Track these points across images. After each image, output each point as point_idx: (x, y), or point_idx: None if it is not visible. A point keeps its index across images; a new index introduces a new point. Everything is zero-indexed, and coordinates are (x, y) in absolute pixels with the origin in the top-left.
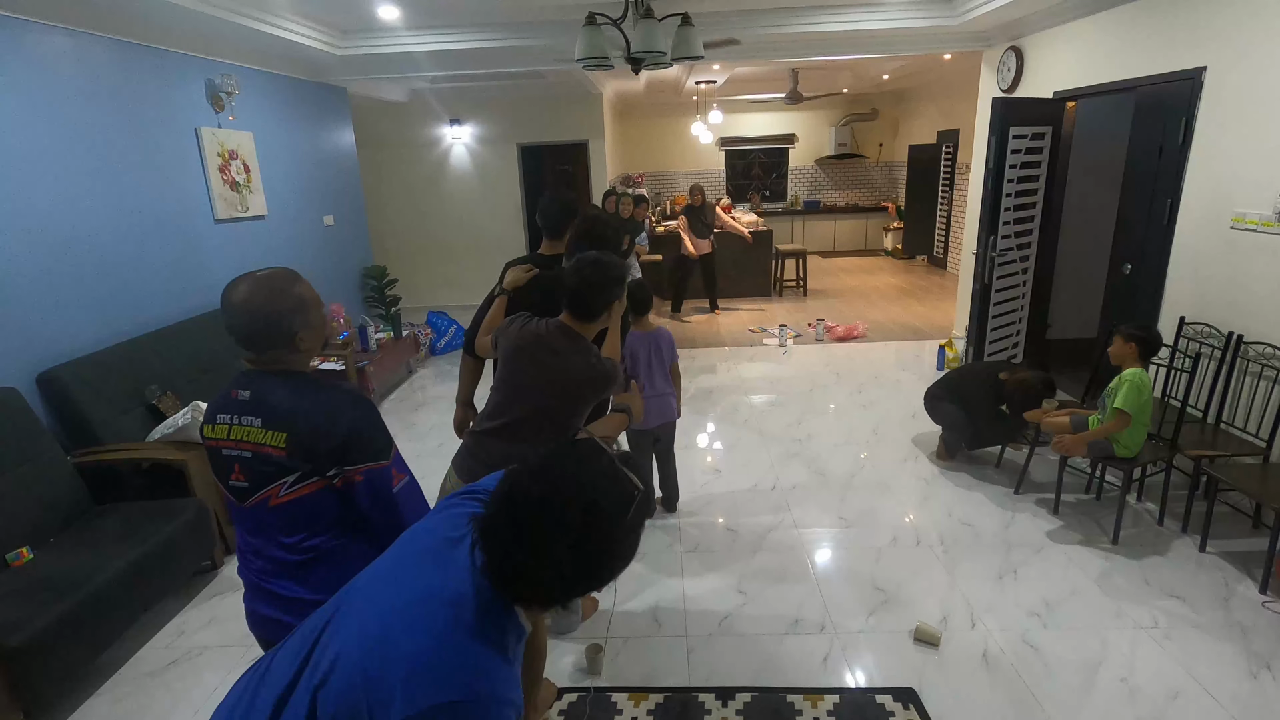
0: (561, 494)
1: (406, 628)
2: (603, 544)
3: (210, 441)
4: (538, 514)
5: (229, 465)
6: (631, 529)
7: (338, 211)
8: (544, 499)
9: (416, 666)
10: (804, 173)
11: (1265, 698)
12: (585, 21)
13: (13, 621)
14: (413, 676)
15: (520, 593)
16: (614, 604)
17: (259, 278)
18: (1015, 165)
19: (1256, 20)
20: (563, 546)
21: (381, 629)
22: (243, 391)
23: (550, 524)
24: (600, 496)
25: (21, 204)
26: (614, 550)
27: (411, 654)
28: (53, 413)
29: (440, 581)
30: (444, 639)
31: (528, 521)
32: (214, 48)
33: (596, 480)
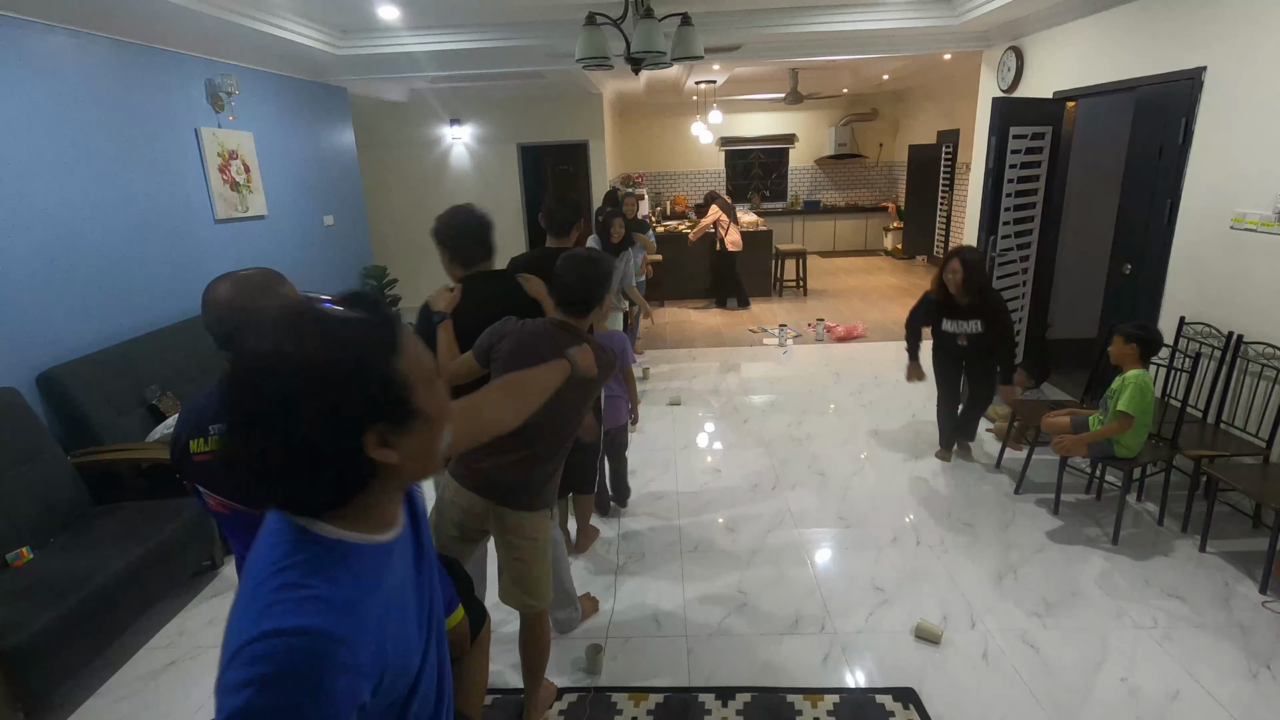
0: (243, 370)
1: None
2: (296, 401)
3: (203, 455)
4: (232, 404)
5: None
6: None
7: (338, 211)
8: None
9: (233, 617)
10: (804, 173)
11: (1265, 698)
12: (585, 21)
13: (13, 621)
14: (230, 629)
15: (286, 499)
16: (614, 604)
17: (241, 277)
18: (1015, 165)
19: (1256, 20)
20: (259, 425)
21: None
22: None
23: (241, 408)
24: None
25: (21, 204)
26: (321, 404)
27: (232, 616)
28: (53, 413)
29: (258, 539)
30: (245, 588)
31: (232, 420)
32: (214, 48)
33: (278, 337)
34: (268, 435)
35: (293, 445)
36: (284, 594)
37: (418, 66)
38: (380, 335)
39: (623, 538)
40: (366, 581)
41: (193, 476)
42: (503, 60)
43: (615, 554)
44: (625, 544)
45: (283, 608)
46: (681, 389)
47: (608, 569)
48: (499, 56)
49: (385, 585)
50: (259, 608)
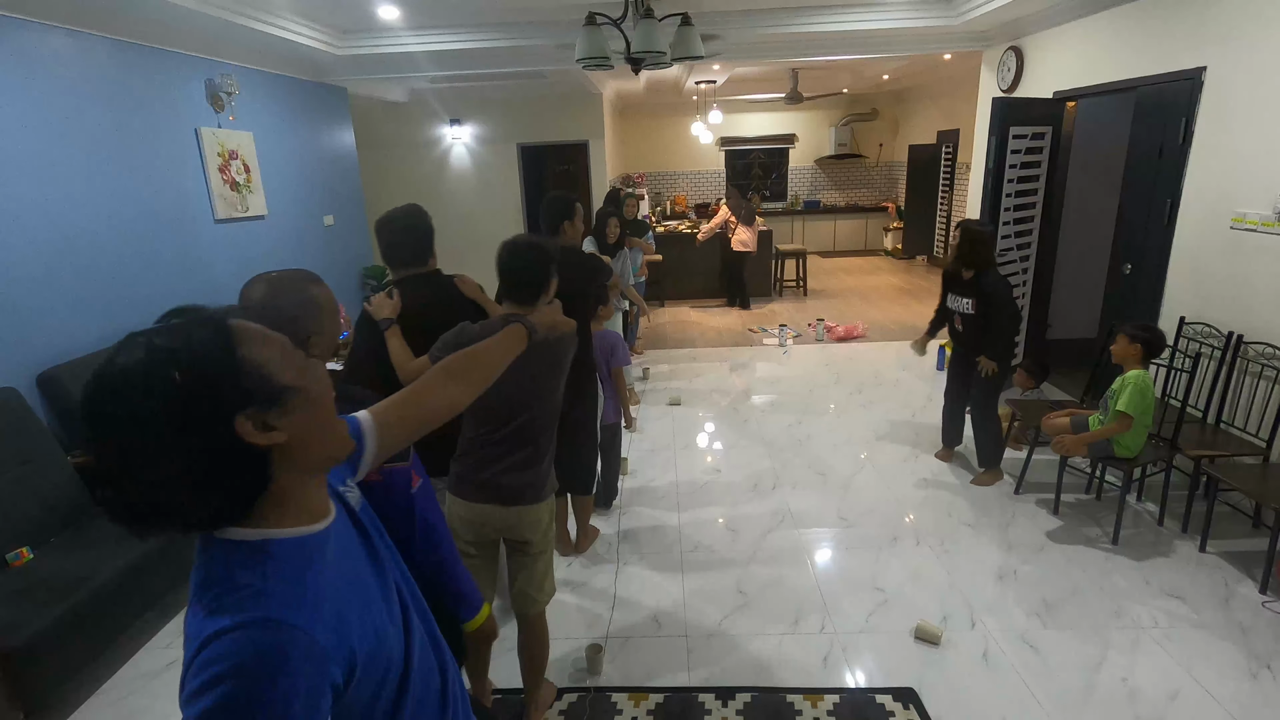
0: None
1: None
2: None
3: None
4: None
5: None
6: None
7: (338, 211)
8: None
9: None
10: (804, 173)
11: (1265, 698)
12: (585, 21)
13: (13, 621)
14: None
15: (192, 520)
16: (614, 604)
17: (275, 278)
18: (1015, 165)
19: (1256, 20)
20: (109, 448)
21: None
22: None
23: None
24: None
25: (21, 204)
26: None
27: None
28: (53, 413)
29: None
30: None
31: (109, 457)
32: (214, 48)
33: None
34: (148, 462)
35: (176, 463)
36: (219, 599)
37: (418, 66)
38: (206, 331)
39: (623, 538)
40: (301, 566)
41: None
42: (503, 60)
43: (615, 554)
44: (625, 544)
45: (221, 610)
46: (681, 389)
47: (608, 569)
48: (499, 56)
49: (327, 568)
50: (199, 620)
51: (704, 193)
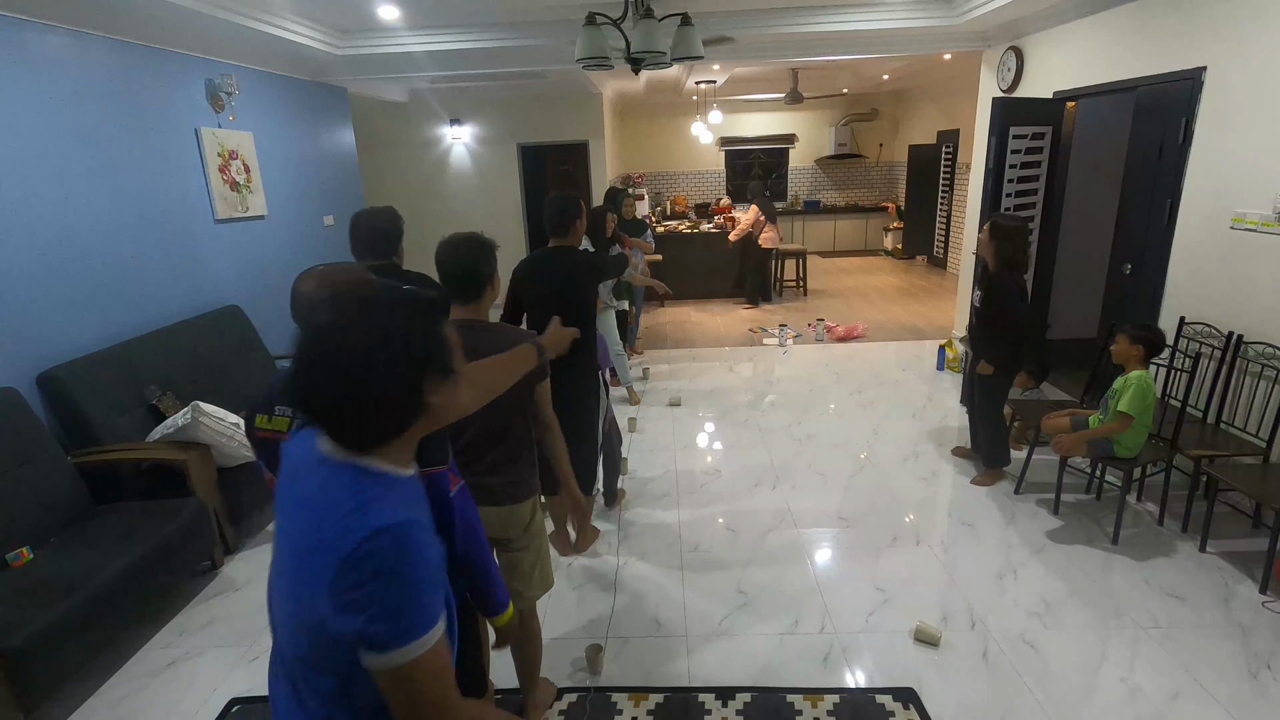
0: (324, 332)
1: (301, 529)
2: (372, 361)
3: (264, 432)
4: (320, 345)
5: None
6: (400, 337)
7: (338, 211)
8: (322, 332)
9: (318, 545)
10: (804, 173)
11: (1265, 698)
12: (585, 21)
13: (13, 621)
14: (313, 559)
15: (344, 436)
16: (614, 604)
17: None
18: (1015, 165)
19: (1256, 20)
20: (335, 376)
21: (291, 546)
22: None
23: (320, 362)
24: (371, 296)
25: (21, 204)
26: (390, 362)
27: (310, 541)
28: (53, 413)
29: (307, 481)
30: (323, 515)
31: (315, 358)
32: (214, 48)
33: (354, 310)
34: (348, 381)
35: (370, 389)
36: (365, 504)
37: (418, 66)
38: (435, 305)
39: (623, 538)
40: (409, 497)
41: (254, 448)
42: (503, 60)
43: (615, 554)
44: (625, 544)
45: (371, 514)
46: (681, 389)
47: (608, 568)
48: (499, 56)
49: (420, 503)
50: (345, 515)
51: (704, 193)
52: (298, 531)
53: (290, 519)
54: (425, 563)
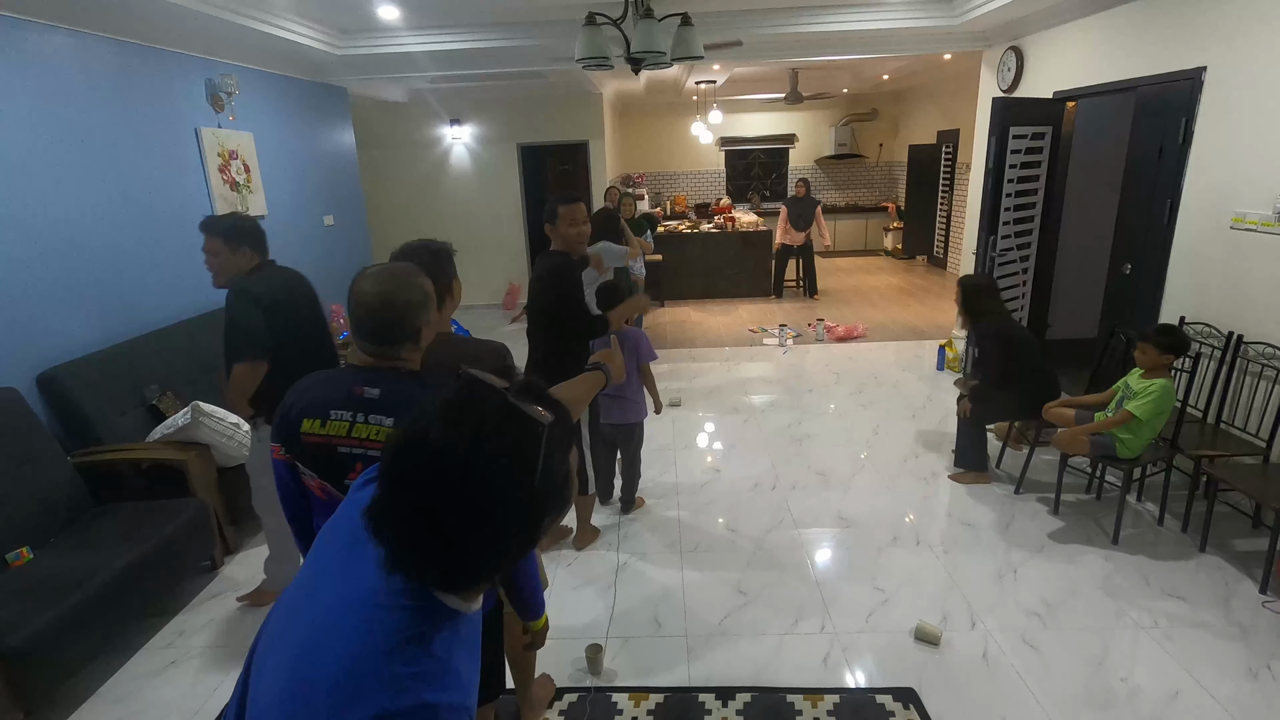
0: (448, 454)
1: (322, 645)
2: (509, 496)
3: (314, 438)
4: (423, 484)
5: (348, 463)
6: (539, 468)
7: (338, 211)
8: (427, 464)
9: (335, 686)
10: (804, 173)
11: (1265, 698)
12: (585, 21)
13: (13, 621)
14: (333, 698)
15: (436, 577)
16: (614, 604)
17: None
18: (1015, 165)
19: (1256, 20)
20: (463, 512)
21: (298, 652)
22: (370, 389)
23: (440, 492)
24: (493, 446)
25: (21, 204)
26: (526, 499)
27: (330, 674)
28: (53, 413)
29: (353, 584)
30: (361, 649)
31: (413, 498)
32: (214, 48)
33: (486, 428)
34: (440, 526)
35: (471, 538)
36: (422, 663)
37: (418, 66)
38: (567, 436)
39: (623, 538)
40: (473, 653)
41: (295, 453)
42: (503, 60)
43: (615, 554)
44: (625, 544)
45: (425, 680)
46: (681, 389)
47: (608, 568)
48: (499, 56)
49: (478, 654)
50: (393, 673)
51: (704, 193)
52: (342, 628)
53: (326, 593)
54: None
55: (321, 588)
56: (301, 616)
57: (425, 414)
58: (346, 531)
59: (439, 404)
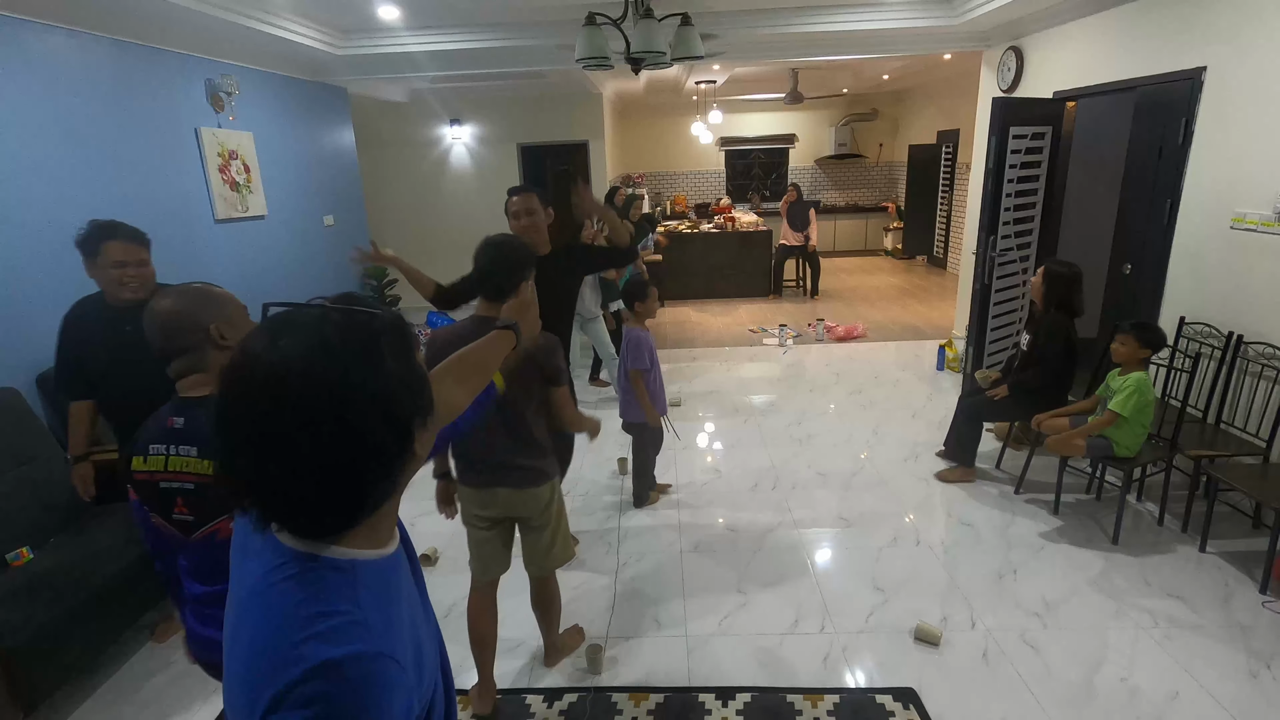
0: (276, 369)
1: (234, 646)
2: (353, 398)
3: (142, 475)
4: (261, 410)
5: (169, 499)
6: (382, 362)
7: (338, 211)
8: (259, 387)
9: (246, 680)
10: (804, 173)
11: (1265, 698)
12: (585, 21)
13: (13, 621)
14: (247, 693)
15: (308, 522)
16: (614, 604)
17: (181, 289)
18: (1015, 165)
19: (1256, 20)
20: (310, 425)
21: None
22: (177, 419)
23: (281, 409)
24: (319, 351)
25: (21, 204)
26: (372, 396)
27: (241, 670)
28: (53, 413)
29: (247, 581)
30: (259, 634)
31: (257, 429)
32: (214, 48)
33: (310, 337)
34: (296, 451)
35: (333, 457)
36: (315, 625)
37: (418, 66)
38: (404, 329)
39: (623, 537)
40: (387, 597)
41: (135, 493)
42: (503, 60)
43: (615, 554)
44: (625, 544)
45: (320, 640)
46: (682, 389)
47: (608, 569)
48: (499, 56)
49: (402, 598)
50: (289, 645)
51: (704, 193)
52: (244, 624)
53: (232, 602)
54: (387, 711)
55: (230, 601)
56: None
57: (246, 354)
58: (238, 545)
59: (255, 334)
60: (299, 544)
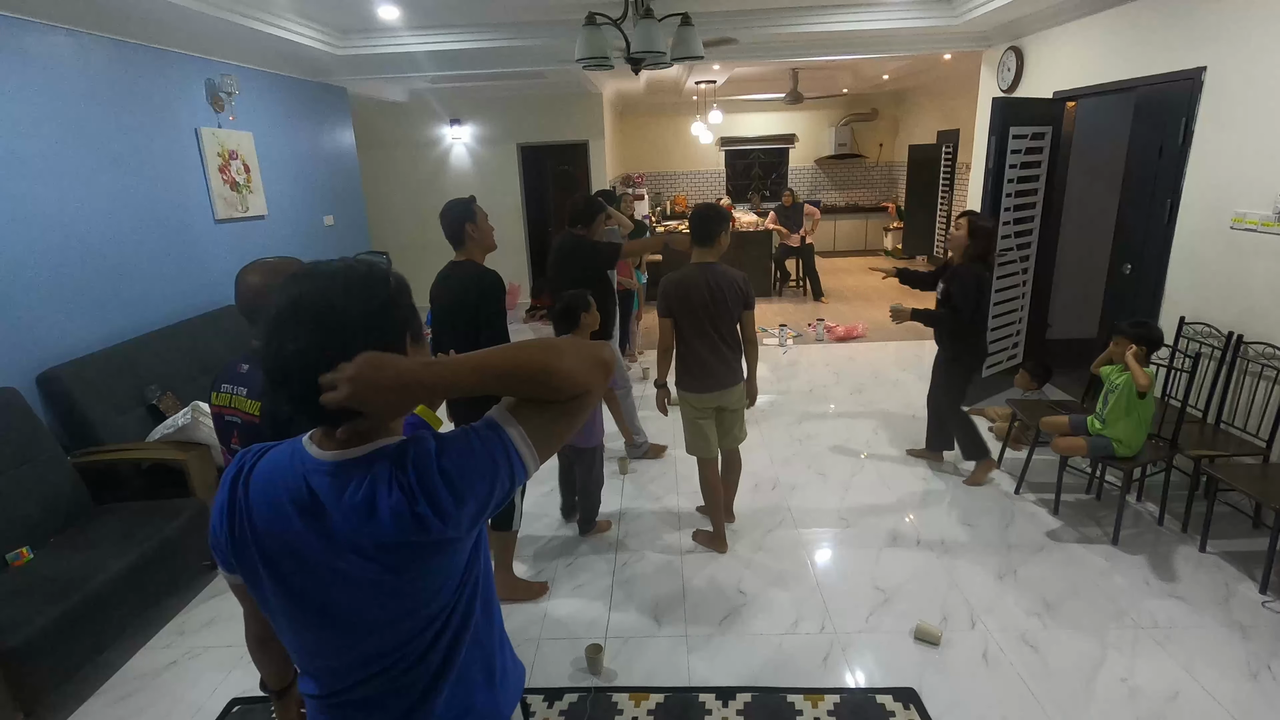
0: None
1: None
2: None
3: (215, 408)
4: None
5: (228, 431)
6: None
7: (338, 211)
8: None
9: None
10: (804, 173)
11: (1265, 698)
12: (585, 21)
13: (13, 621)
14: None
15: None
16: (614, 604)
17: (267, 265)
18: (1015, 165)
19: (1256, 20)
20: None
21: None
22: (244, 364)
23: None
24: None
25: (21, 204)
26: (381, 304)
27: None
28: (53, 413)
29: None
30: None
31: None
32: (214, 48)
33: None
34: (334, 351)
35: (357, 340)
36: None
37: (418, 66)
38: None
39: (622, 538)
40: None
41: (213, 420)
42: (503, 60)
43: (615, 554)
44: (625, 544)
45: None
46: None
47: (608, 568)
48: (499, 56)
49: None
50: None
51: (704, 193)
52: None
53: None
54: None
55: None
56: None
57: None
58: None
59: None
60: (335, 454)
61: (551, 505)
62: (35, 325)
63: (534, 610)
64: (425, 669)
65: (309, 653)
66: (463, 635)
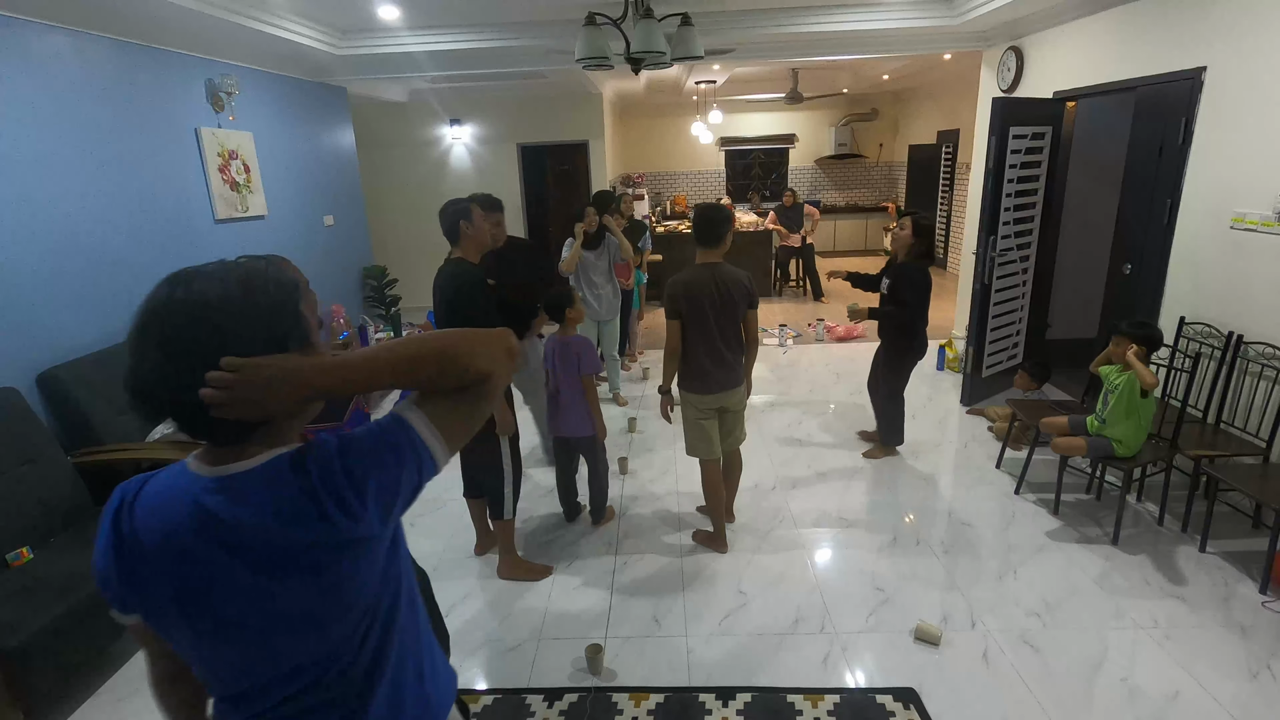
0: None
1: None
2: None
3: None
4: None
5: None
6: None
7: (338, 211)
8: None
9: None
10: (804, 173)
11: (1265, 698)
12: (585, 21)
13: (13, 621)
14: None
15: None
16: (614, 604)
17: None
18: (1015, 165)
19: (1256, 20)
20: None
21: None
22: None
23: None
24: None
25: (22, 204)
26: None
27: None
28: (53, 413)
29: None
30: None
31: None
32: (214, 48)
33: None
34: (207, 363)
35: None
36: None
37: (418, 66)
38: (290, 280)
39: (622, 537)
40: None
41: None
42: (503, 60)
43: (614, 554)
44: (624, 544)
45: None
46: None
47: (607, 568)
48: (499, 56)
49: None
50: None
51: (704, 193)
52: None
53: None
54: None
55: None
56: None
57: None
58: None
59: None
60: (212, 469)
61: (551, 506)
62: (35, 325)
63: (534, 610)
64: (357, 670)
65: (234, 674)
66: (390, 633)
